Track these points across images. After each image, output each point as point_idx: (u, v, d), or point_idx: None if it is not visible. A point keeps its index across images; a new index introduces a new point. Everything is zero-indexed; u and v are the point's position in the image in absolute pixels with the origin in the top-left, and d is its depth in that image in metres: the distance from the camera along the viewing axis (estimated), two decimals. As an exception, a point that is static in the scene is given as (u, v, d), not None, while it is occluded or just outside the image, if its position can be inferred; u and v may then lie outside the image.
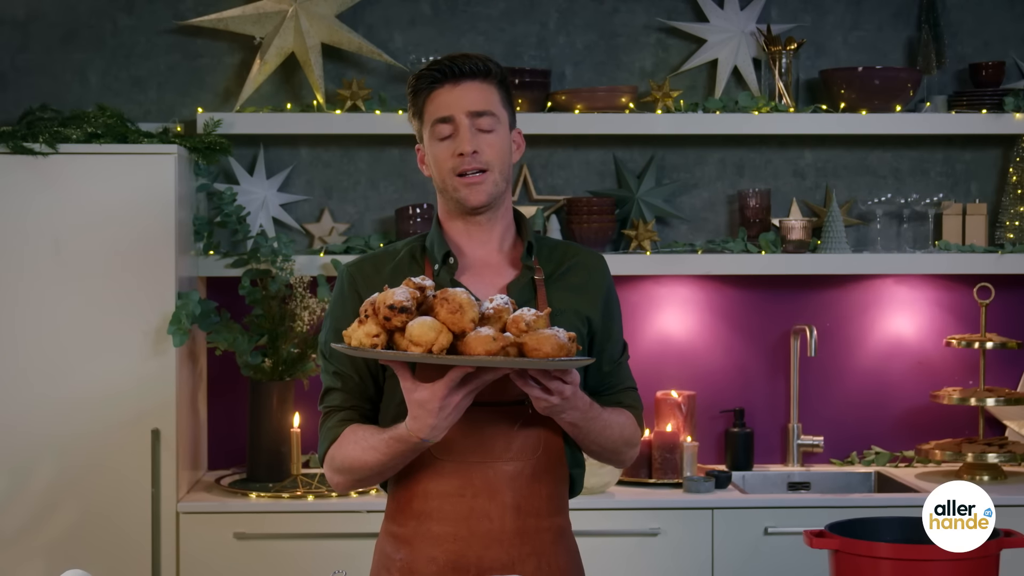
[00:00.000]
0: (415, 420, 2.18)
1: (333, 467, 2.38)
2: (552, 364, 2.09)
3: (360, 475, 2.34)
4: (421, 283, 2.16)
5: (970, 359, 4.33)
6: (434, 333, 2.08)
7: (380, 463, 2.29)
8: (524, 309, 2.16)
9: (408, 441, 2.22)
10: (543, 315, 2.16)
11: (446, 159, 2.37)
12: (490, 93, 2.38)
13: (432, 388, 2.14)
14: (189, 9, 4.22)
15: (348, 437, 2.34)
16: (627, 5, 4.31)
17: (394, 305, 2.10)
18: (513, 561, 2.33)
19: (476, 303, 2.14)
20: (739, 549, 3.74)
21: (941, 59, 4.28)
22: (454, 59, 2.37)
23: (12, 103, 4.10)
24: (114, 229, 3.69)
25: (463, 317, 2.09)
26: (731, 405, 4.27)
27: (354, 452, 2.32)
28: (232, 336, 3.86)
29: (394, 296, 2.11)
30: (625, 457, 2.49)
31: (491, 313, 2.15)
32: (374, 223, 4.27)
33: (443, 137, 2.37)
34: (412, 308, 2.11)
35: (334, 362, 2.40)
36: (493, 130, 2.37)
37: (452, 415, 2.18)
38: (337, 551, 3.62)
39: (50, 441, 3.67)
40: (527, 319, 2.14)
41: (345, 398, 2.40)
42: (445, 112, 2.36)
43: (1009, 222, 4.28)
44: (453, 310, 2.10)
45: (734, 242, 4.20)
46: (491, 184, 2.37)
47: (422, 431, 2.18)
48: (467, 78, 2.36)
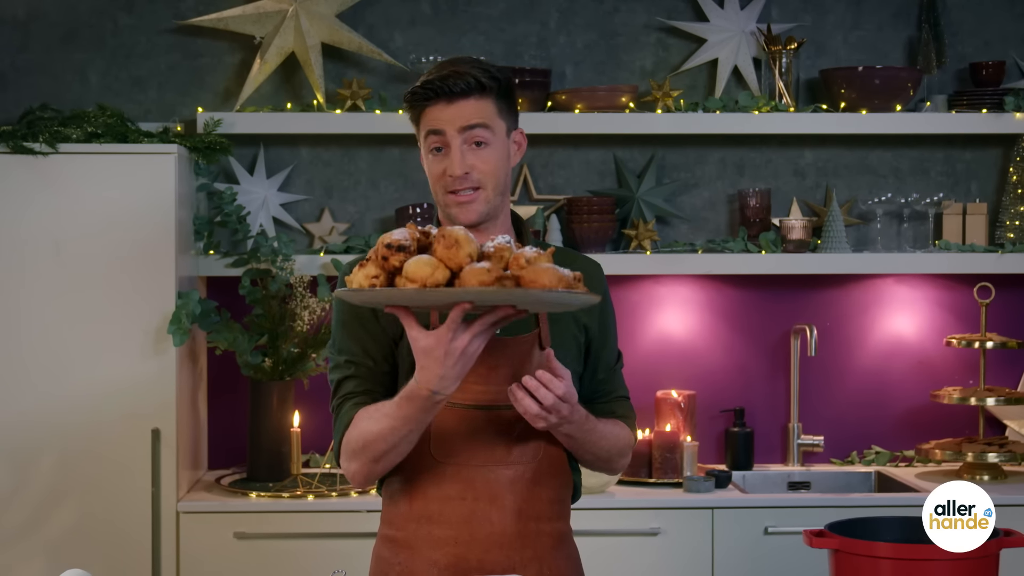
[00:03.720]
0: (423, 370, 2.11)
1: (348, 452, 2.29)
2: (549, 296, 2.02)
3: (375, 451, 2.24)
4: (427, 229, 2.10)
5: (970, 359, 4.33)
6: (429, 269, 2.01)
7: (393, 429, 2.20)
8: (527, 247, 2.09)
9: (419, 396, 2.13)
10: (546, 253, 2.09)
11: (438, 176, 2.33)
12: (485, 107, 2.33)
13: (436, 334, 2.07)
14: (189, 9, 4.22)
15: (361, 416, 2.27)
16: (627, 5, 4.31)
17: (391, 244, 2.04)
18: (514, 565, 2.32)
19: (474, 240, 2.06)
20: (739, 549, 3.74)
21: (941, 59, 4.28)
22: (445, 79, 2.30)
23: (12, 103, 4.10)
24: (114, 229, 3.69)
25: (459, 252, 2.03)
26: (731, 405, 4.27)
27: (367, 426, 2.24)
28: (232, 336, 3.86)
29: (392, 236, 2.06)
30: (616, 466, 2.49)
31: (491, 251, 2.08)
32: (374, 223, 4.27)
33: (435, 148, 2.33)
34: (410, 247, 2.05)
35: (345, 352, 2.34)
36: (487, 143, 2.32)
37: (460, 362, 2.09)
38: (337, 551, 3.62)
39: (50, 440, 3.67)
40: (528, 255, 2.06)
41: (358, 383, 2.33)
42: (436, 126, 2.32)
43: (1009, 222, 4.27)
44: (449, 245, 2.03)
45: (734, 242, 4.20)
46: (483, 202, 2.33)
47: (431, 382, 2.10)
48: (460, 96, 2.31)
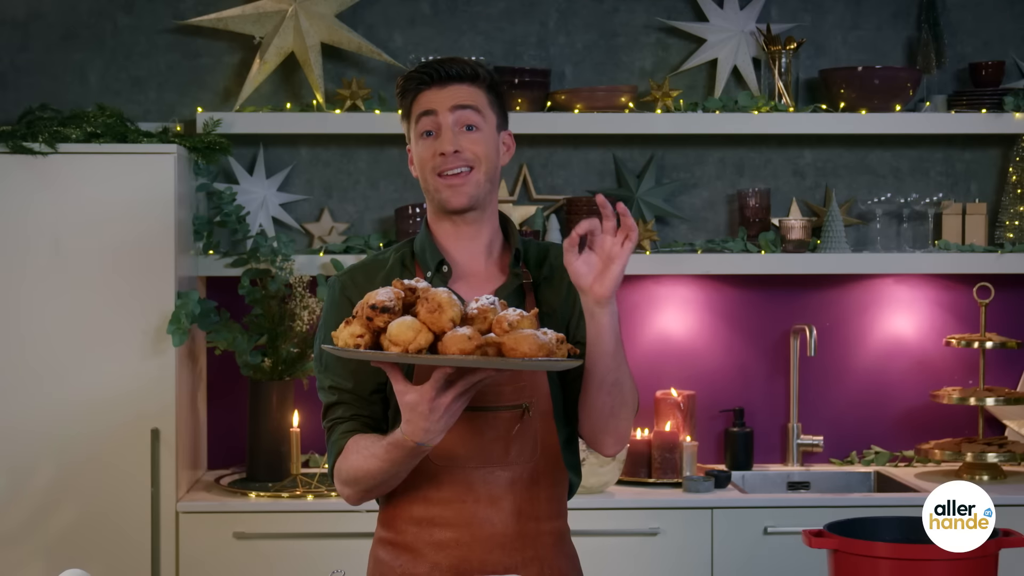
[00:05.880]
0: (408, 423, 2.14)
1: (341, 480, 2.33)
2: (528, 365, 2.04)
3: (366, 485, 2.29)
4: (413, 284, 2.12)
5: (970, 359, 4.33)
6: (412, 333, 2.04)
7: (382, 470, 2.24)
8: (510, 309, 2.11)
9: (405, 446, 2.17)
10: (529, 315, 2.10)
11: (428, 158, 2.34)
12: (477, 94, 2.35)
13: (420, 391, 2.10)
14: (189, 9, 4.22)
15: (351, 448, 2.30)
16: (627, 5, 4.31)
17: (376, 305, 2.07)
18: (516, 565, 2.33)
19: (459, 303, 2.09)
20: (739, 549, 3.75)
21: (941, 59, 4.28)
22: (442, 62, 2.35)
23: (12, 103, 4.10)
24: (114, 229, 3.69)
25: (442, 316, 2.05)
26: (731, 405, 4.27)
27: (357, 461, 2.27)
28: (232, 336, 3.86)
29: (377, 296, 2.08)
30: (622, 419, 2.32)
31: (475, 313, 2.10)
32: (374, 223, 4.27)
33: (426, 131, 2.34)
34: (394, 308, 2.07)
35: (330, 375, 2.36)
36: (478, 127, 2.34)
37: (444, 418, 2.12)
38: (337, 551, 3.62)
39: (49, 441, 3.67)
40: (511, 319, 2.09)
41: (346, 408, 2.35)
42: (428, 107, 2.34)
43: (1009, 222, 4.27)
44: (432, 309, 2.06)
45: (734, 242, 4.20)
46: (473, 185, 2.33)
47: (416, 435, 2.13)
48: (454, 81, 2.34)
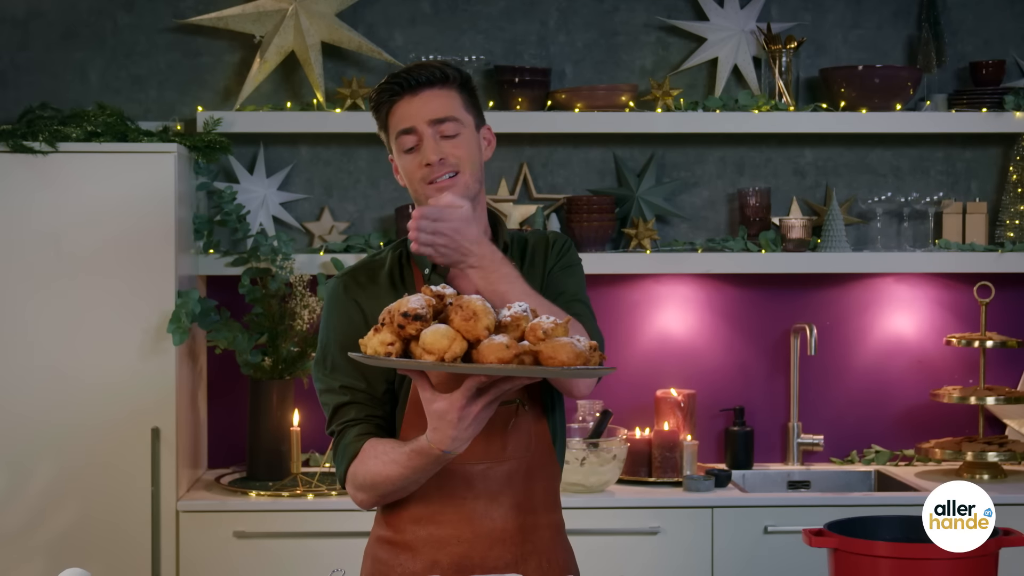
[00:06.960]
0: (435, 431, 2.12)
1: (355, 485, 2.32)
2: (566, 373, 2.02)
3: (384, 490, 2.28)
4: (440, 291, 2.10)
5: (970, 358, 4.33)
6: (447, 341, 2.01)
7: (403, 476, 2.24)
8: (543, 317, 2.09)
9: (430, 454, 2.16)
10: (563, 323, 2.08)
11: (415, 170, 2.34)
12: (450, 98, 2.35)
13: (450, 399, 2.09)
14: (189, 7, 4.21)
15: (368, 452, 2.28)
16: (627, 4, 4.31)
17: (408, 312, 2.04)
18: (516, 559, 2.34)
19: (492, 311, 2.07)
20: (739, 548, 3.74)
21: (941, 57, 4.28)
22: (410, 70, 2.35)
23: (12, 102, 4.10)
24: (114, 228, 3.69)
25: (477, 324, 2.03)
26: (731, 404, 4.27)
27: (376, 467, 2.26)
28: (232, 335, 3.86)
29: (408, 303, 2.06)
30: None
31: (508, 321, 2.08)
32: (374, 222, 4.27)
33: (408, 148, 2.35)
34: (426, 315, 2.05)
35: (340, 376, 2.34)
36: (458, 134, 2.34)
37: (473, 426, 2.12)
38: (337, 550, 3.62)
39: (50, 439, 3.67)
40: (545, 327, 2.06)
41: (359, 409, 2.34)
42: (407, 123, 2.34)
43: (1009, 221, 4.27)
44: (467, 317, 2.04)
45: (734, 241, 4.19)
46: (462, 188, 2.33)
47: (443, 443, 2.12)
48: (425, 87, 2.34)
